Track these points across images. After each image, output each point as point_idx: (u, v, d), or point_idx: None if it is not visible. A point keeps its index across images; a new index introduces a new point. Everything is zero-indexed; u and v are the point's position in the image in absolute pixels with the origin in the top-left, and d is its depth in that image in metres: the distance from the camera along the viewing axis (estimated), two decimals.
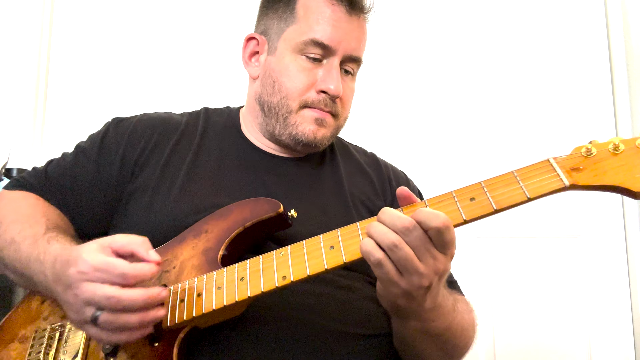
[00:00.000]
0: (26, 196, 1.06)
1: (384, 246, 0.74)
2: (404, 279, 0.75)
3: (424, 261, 0.74)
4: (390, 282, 0.76)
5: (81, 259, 0.78)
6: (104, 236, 1.06)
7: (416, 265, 0.74)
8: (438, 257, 0.75)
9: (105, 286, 0.76)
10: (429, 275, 0.75)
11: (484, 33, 2.22)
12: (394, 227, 0.74)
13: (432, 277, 0.76)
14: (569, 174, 0.75)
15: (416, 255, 0.74)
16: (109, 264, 0.76)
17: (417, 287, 0.76)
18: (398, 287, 0.76)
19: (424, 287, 0.76)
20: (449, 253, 0.76)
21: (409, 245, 0.74)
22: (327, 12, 1.04)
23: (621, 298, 2.00)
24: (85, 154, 1.09)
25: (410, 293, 0.77)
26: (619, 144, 0.75)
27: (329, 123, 1.06)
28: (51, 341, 0.91)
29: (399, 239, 0.73)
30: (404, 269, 0.74)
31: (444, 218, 0.73)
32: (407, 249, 0.73)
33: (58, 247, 0.87)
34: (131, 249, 0.80)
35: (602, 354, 1.97)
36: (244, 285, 0.81)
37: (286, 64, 1.05)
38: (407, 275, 0.75)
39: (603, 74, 2.13)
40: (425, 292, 0.78)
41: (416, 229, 0.73)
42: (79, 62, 2.25)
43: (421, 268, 0.74)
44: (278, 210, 0.91)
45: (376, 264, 0.75)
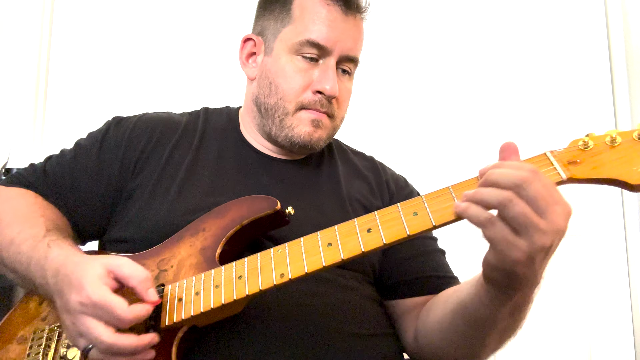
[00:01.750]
0: (24, 194, 1.05)
1: (495, 204, 0.68)
2: (524, 238, 0.67)
3: (543, 217, 0.67)
4: (508, 244, 0.68)
5: (84, 290, 0.77)
6: (101, 234, 1.07)
7: (535, 220, 0.67)
8: (556, 210, 0.68)
9: (100, 327, 0.76)
10: (551, 233, 0.68)
11: (483, 32, 2.22)
12: (507, 182, 0.67)
13: (554, 237, 0.68)
14: (566, 167, 0.75)
15: (533, 210, 0.67)
16: (108, 303, 0.76)
17: (540, 249, 0.68)
18: (518, 249, 0.68)
19: (547, 247, 0.68)
20: (560, 203, 0.69)
21: (524, 200, 0.67)
22: (323, 12, 1.04)
23: (621, 298, 1.99)
24: (85, 152, 1.09)
25: (532, 256, 0.69)
26: (616, 136, 0.74)
27: (325, 124, 1.06)
28: (49, 342, 0.90)
29: (510, 194, 0.67)
30: (522, 226, 0.67)
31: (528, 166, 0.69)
32: (522, 203, 0.67)
33: (61, 255, 0.86)
34: (133, 285, 0.80)
35: (602, 354, 1.97)
36: (242, 284, 0.81)
37: (282, 64, 1.05)
38: (526, 234, 0.67)
39: (603, 72, 2.13)
40: (545, 255, 0.70)
41: (535, 179, 0.67)
42: (79, 62, 2.26)
43: (542, 223, 0.67)
44: (275, 208, 0.91)
45: (486, 223, 0.69)
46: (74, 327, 0.79)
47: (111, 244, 1.04)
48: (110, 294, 0.77)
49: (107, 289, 0.78)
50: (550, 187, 0.69)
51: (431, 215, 0.76)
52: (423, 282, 1.06)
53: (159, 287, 0.87)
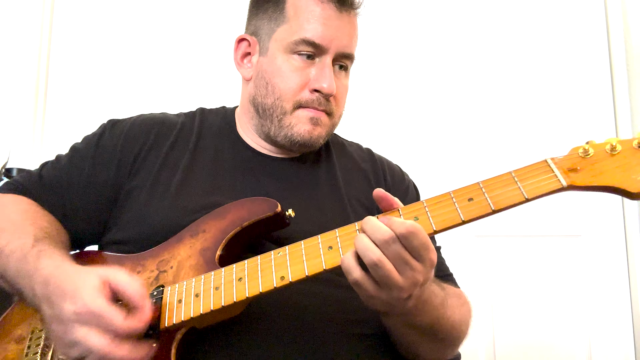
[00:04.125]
0: (18, 200, 1.04)
1: (366, 262, 0.74)
2: (384, 292, 0.76)
3: (403, 275, 0.74)
4: (369, 297, 0.77)
5: (80, 299, 0.76)
6: (98, 237, 1.07)
7: (396, 280, 0.74)
8: (416, 267, 0.75)
9: (95, 336, 0.74)
10: (408, 288, 0.75)
11: (483, 32, 2.22)
12: (375, 240, 0.74)
13: (412, 290, 0.76)
14: (566, 174, 0.75)
15: (396, 269, 0.74)
16: (105, 313, 0.75)
17: (397, 299, 0.77)
18: (378, 299, 0.77)
19: (403, 298, 0.77)
20: (426, 261, 0.75)
21: (389, 259, 0.74)
22: (317, 10, 1.03)
23: (621, 298, 2.00)
24: (80, 155, 1.09)
25: (390, 303, 0.78)
26: (616, 144, 0.75)
27: (324, 122, 1.06)
28: (48, 341, 0.90)
29: (380, 256, 0.73)
30: (384, 284, 0.75)
31: (408, 224, 0.73)
32: (388, 265, 0.73)
33: (50, 265, 0.84)
34: (129, 297, 0.78)
35: (602, 353, 1.97)
36: (242, 286, 0.81)
37: (278, 64, 1.05)
38: (387, 289, 0.75)
39: (603, 73, 2.13)
40: (405, 301, 0.78)
41: (395, 242, 0.73)
42: (79, 62, 2.25)
43: (400, 282, 0.74)
44: (276, 210, 0.91)
45: (354, 283, 0.76)
46: (65, 336, 0.77)
47: (109, 246, 1.03)
48: (108, 304, 0.76)
49: (104, 299, 0.76)
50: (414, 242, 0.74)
51: (432, 220, 0.77)
52: None
53: (159, 288, 0.87)
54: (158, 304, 0.84)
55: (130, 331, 0.75)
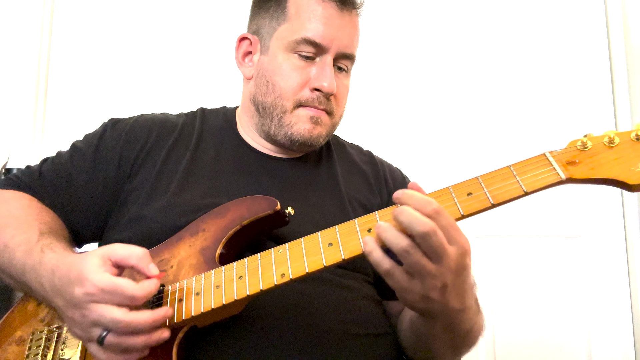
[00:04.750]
0: (19, 196, 1.04)
1: (395, 251, 0.72)
2: (417, 281, 0.73)
3: (434, 260, 0.72)
4: (403, 290, 0.75)
5: (87, 280, 0.77)
6: (99, 237, 1.07)
7: (429, 269, 0.72)
8: (448, 251, 0.72)
9: (114, 309, 0.76)
10: (443, 274, 0.72)
11: (483, 31, 2.21)
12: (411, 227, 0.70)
13: (445, 276, 0.73)
14: (565, 167, 0.75)
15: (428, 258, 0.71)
16: (116, 285, 0.76)
17: (432, 289, 0.73)
18: (412, 292, 0.74)
19: (439, 287, 0.73)
20: (456, 245, 0.73)
21: (421, 249, 0.71)
22: (318, 9, 1.03)
23: (621, 298, 1.99)
24: (81, 153, 1.09)
25: (426, 296, 0.74)
26: (614, 137, 0.75)
27: (324, 121, 1.06)
28: (49, 343, 0.90)
29: (409, 243, 0.71)
30: (416, 273, 0.72)
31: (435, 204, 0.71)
32: (418, 255, 0.71)
33: (54, 258, 0.85)
34: (132, 264, 0.80)
35: (602, 353, 1.96)
36: (242, 284, 0.81)
37: (279, 63, 1.05)
38: (420, 278, 0.73)
39: (603, 72, 2.13)
40: (442, 292, 0.74)
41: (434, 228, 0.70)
42: (79, 62, 2.26)
43: (433, 269, 0.72)
44: (275, 208, 0.91)
45: (386, 273, 0.74)
46: (85, 319, 0.77)
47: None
48: (116, 277, 0.77)
49: (110, 275, 0.78)
50: (449, 229, 0.72)
51: None
52: None
53: (159, 287, 0.87)
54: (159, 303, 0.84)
55: (145, 294, 0.77)
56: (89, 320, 0.77)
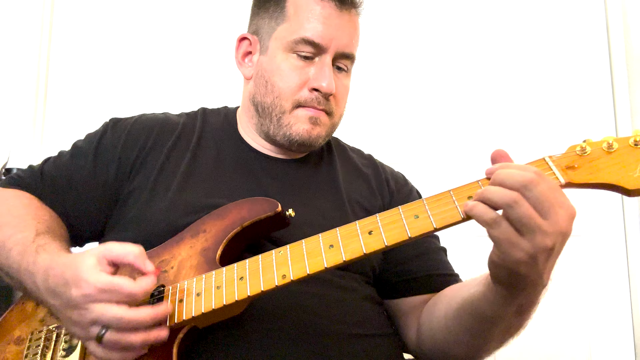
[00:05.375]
0: (20, 195, 1.04)
1: (502, 202, 0.69)
2: (525, 238, 0.69)
3: (547, 217, 0.68)
4: (510, 244, 0.70)
5: (83, 281, 0.77)
6: (99, 236, 1.07)
7: (539, 223, 0.68)
8: (560, 213, 0.69)
9: (113, 307, 0.76)
10: (553, 233, 0.69)
11: (483, 32, 2.22)
12: (514, 182, 0.69)
13: (556, 238, 0.69)
14: (564, 172, 0.76)
15: (537, 211, 0.68)
16: (114, 284, 0.76)
17: (542, 249, 0.69)
18: (520, 249, 0.70)
19: (548, 248, 0.70)
20: (564, 206, 0.70)
21: (529, 201, 0.68)
22: (317, 9, 1.03)
23: (621, 298, 1.99)
24: (82, 153, 1.08)
25: (534, 256, 0.70)
26: (612, 142, 0.76)
27: (323, 121, 1.05)
28: (48, 342, 0.90)
29: (517, 195, 0.68)
30: (525, 226, 0.69)
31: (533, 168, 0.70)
32: (527, 205, 0.68)
33: (47, 258, 0.85)
34: (129, 261, 0.80)
35: (602, 354, 1.97)
36: (243, 285, 0.81)
37: (278, 63, 1.04)
38: (529, 234, 0.69)
39: (603, 73, 2.13)
40: (548, 256, 0.71)
41: (538, 184, 0.69)
42: (79, 62, 2.26)
43: (544, 225, 0.68)
44: (276, 210, 0.91)
45: (491, 222, 0.70)
46: (83, 318, 0.78)
47: None
48: (113, 276, 0.78)
49: (106, 274, 0.78)
50: (555, 189, 0.71)
51: (432, 218, 0.77)
52: (425, 280, 1.06)
53: (160, 288, 0.87)
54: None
55: (143, 291, 0.78)
56: (88, 319, 0.77)
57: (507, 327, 0.88)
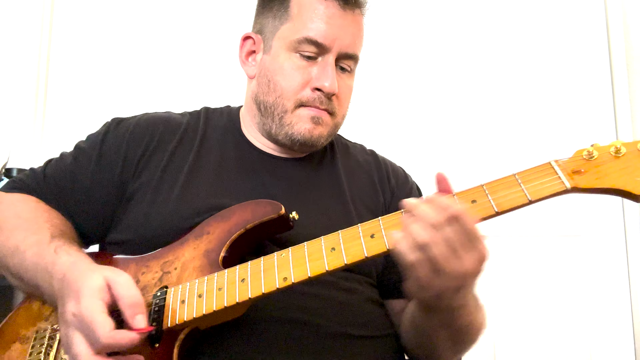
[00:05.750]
0: (26, 199, 1.04)
1: (418, 243, 0.72)
2: (437, 278, 0.73)
3: (457, 258, 0.72)
4: (422, 284, 0.75)
5: (79, 301, 0.76)
6: (103, 236, 1.06)
7: (448, 265, 0.72)
8: (471, 257, 0.72)
9: (81, 344, 0.75)
10: (459, 277, 0.73)
11: (483, 33, 2.22)
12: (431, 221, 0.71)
13: (463, 280, 0.74)
14: (570, 176, 0.76)
15: (449, 252, 0.71)
16: (92, 321, 0.74)
17: (447, 288, 0.74)
18: (430, 287, 0.75)
19: (454, 287, 0.75)
20: (476, 249, 0.73)
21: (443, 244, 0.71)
22: (321, 8, 1.03)
23: (621, 298, 2.00)
24: (85, 154, 1.08)
25: (440, 295, 0.76)
26: (620, 147, 0.75)
27: (326, 121, 1.05)
28: (52, 341, 0.90)
29: (432, 237, 0.71)
30: (437, 269, 0.72)
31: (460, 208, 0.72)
32: (441, 246, 0.71)
33: (68, 262, 0.85)
34: (122, 308, 0.77)
35: (602, 354, 1.97)
36: (244, 287, 0.81)
37: (280, 62, 1.04)
38: (441, 275, 0.72)
39: (603, 74, 2.13)
40: (455, 292, 0.76)
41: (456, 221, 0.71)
42: (79, 62, 2.25)
43: (453, 268, 0.72)
44: (280, 212, 0.91)
45: (410, 265, 0.73)
46: (64, 337, 0.78)
47: (113, 246, 1.03)
48: (100, 311, 0.75)
49: (101, 304, 0.76)
50: (470, 232, 0.72)
51: None
52: None
53: (162, 289, 0.87)
54: (160, 312, 0.84)
55: (113, 345, 0.74)
56: (65, 340, 0.78)
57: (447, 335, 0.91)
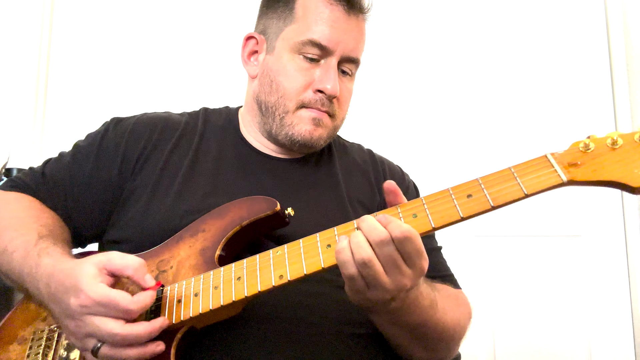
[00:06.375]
0: (21, 198, 1.04)
1: (356, 260, 0.75)
2: (370, 291, 0.77)
3: (391, 277, 0.76)
4: (356, 292, 0.79)
5: (82, 292, 0.77)
6: (101, 235, 1.07)
7: (383, 282, 0.75)
8: (406, 272, 0.76)
9: (109, 321, 0.76)
10: (393, 291, 0.77)
11: (484, 32, 2.22)
12: (370, 239, 0.75)
13: (396, 293, 0.77)
14: (566, 169, 0.75)
15: (385, 271, 0.75)
16: (111, 299, 0.76)
17: (381, 300, 0.78)
18: (363, 297, 0.79)
19: (387, 299, 0.78)
20: (417, 267, 0.76)
21: (380, 260, 0.75)
22: (326, 12, 1.04)
23: (621, 298, 1.99)
24: (83, 153, 1.09)
25: (373, 302, 0.79)
26: (617, 138, 0.74)
27: (326, 123, 1.06)
28: (49, 342, 0.90)
29: (371, 256, 0.74)
30: (371, 284, 0.76)
31: (405, 228, 0.74)
32: (377, 266, 0.75)
33: (50, 263, 0.85)
34: (129, 275, 0.80)
35: (602, 354, 1.97)
36: (240, 285, 0.81)
37: (284, 63, 1.05)
38: (373, 289, 0.77)
39: (603, 73, 2.13)
40: (388, 302, 0.79)
41: (389, 244, 0.74)
42: (79, 62, 2.26)
43: (387, 284, 0.76)
44: (275, 209, 0.91)
45: (348, 277, 0.77)
46: (79, 329, 0.78)
47: (110, 245, 1.03)
48: (110, 289, 0.77)
49: (105, 285, 0.77)
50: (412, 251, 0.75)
51: (430, 217, 0.77)
52: None
53: (159, 287, 0.87)
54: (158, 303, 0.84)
55: (140, 307, 0.77)
56: (84, 331, 0.77)
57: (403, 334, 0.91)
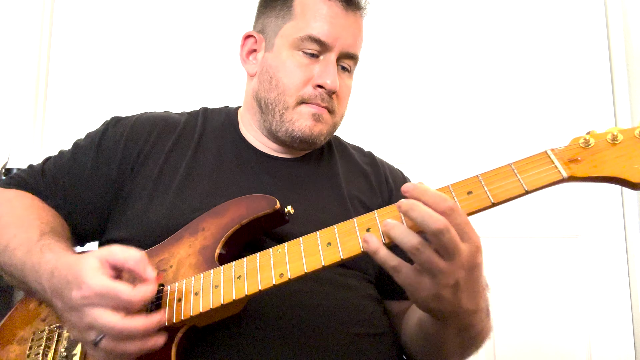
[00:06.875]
0: (21, 195, 1.05)
1: (405, 249, 0.71)
2: (427, 278, 0.72)
3: (445, 257, 0.70)
4: (413, 287, 0.74)
5: (84, 283, 0.77)
6: (100, 234, 1.07)
7: (441, 266, 0.70)
8: (460, 249, 0.70)
9: (108, 314, 0.75)
10: (454, 272, 0.71)
11: (483, 31, 2.21)
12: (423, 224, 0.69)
13: (458, 274, 0.72)
14: (567, 165, 0.74)
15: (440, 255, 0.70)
16: (112, 290, 0.76)
17: (444, 286, 0.72)
18: (424, 289, 0.73)
19: (450, 284, 0.72)
20: (469, 242, 0.71)
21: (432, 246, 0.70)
22: (324, 8, 1.05)
23: (621, 298, 1.99)
24: (83, 151, 1.09)
25: (438, 294, 0.73)
26: (617, 134, 0.74)
27: (326, 119, 1.06)
28: (49, 342, 0.91)
29: (419, 244, 0.70)
30: (426, 270, 0.71)
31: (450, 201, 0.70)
32: (428, 252, 0.70)
33: (52, 259, 0.85)
34: (129, 267, 0.79)
35: (602, 354, 1.96)
36: (241, 284, 0.81)
37: (283, 59, 1.05)
38: (429, 275, 0.71)
39: (603, 72, 2.13)
40: (454, 290, 0.73)
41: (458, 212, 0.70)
42: (79, 62, 2.26)
43: (446, 267, 0.71)
44: (275, 207, 0.91)
45: (393, 270, 0.73)
46: (81, 321, 0.78)
47: (109, 244, 1.03)
48: (112, 281, 0.77)
49: (107, 277, 0.77)
50: (463, 226, 0.71)
51: None
52: None
53: (159, 287, 0.87)
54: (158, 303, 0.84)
55: (141, 299, 0.76)
56: (84, 322, 0.77)
57: (457, 345, 0.88)
